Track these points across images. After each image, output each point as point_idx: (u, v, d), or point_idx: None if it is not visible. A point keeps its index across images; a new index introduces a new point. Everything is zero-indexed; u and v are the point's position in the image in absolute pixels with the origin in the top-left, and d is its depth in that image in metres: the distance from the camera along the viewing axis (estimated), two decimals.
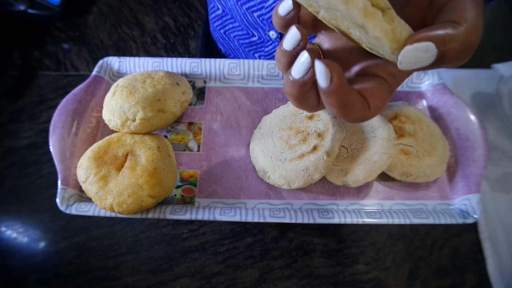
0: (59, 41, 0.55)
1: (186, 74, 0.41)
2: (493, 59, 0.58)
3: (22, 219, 0.43)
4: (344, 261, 0.41)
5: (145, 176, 0.31)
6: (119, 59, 0.41)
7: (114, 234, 0.42)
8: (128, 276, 0.40)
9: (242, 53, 0.56)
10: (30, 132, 0.48)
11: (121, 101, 0.33)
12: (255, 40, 0.51)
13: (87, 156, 0.33)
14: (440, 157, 0.35)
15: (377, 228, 0.43)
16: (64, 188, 0.33)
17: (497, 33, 1.01)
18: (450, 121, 0.37)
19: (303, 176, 0.32)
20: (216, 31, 0.57)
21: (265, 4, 0.44)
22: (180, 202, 0.35)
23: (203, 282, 0.40)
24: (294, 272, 0.40)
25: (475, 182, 0.34)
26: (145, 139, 0.34)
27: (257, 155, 0.35)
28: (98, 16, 0.58)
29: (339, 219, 0.32)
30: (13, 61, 0.54)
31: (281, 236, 0.42)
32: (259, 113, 0.39)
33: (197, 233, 0.42)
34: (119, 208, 0.30)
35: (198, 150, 0.37)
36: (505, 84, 0.51)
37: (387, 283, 0.40)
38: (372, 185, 0.36)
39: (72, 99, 0.37)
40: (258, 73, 0.40)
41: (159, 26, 0.57)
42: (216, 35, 0.58)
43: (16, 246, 0.42)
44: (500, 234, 0.43)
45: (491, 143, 0.38)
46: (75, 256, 0.41)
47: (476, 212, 0.32)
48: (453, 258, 0.41)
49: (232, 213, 0.33)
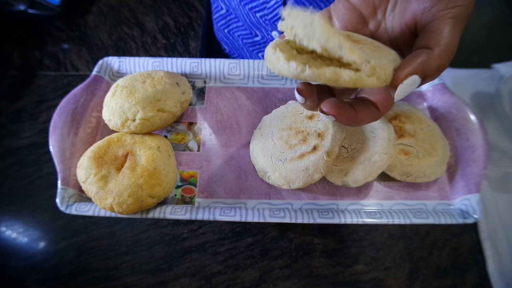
0: (59, 41, 0.55)
1: (186, 74, 0.41)
2: (493, 59, 0.58)
3: (22, 219, 0.43)
4: (344, 261, 0.41)
5: (145, 176, 0.31)
6: (119, 59, 0.41)
7: (114, 234, 0.42)
8: (128, 276, 0.40)
9: (246, 52, 0.56)
10: (30, 132, 0.48)
11: (121, 101, 0.33)
12: (258, 40, 0.51)
13: (87, 156, 0.33)
14: (440, 157, 0.35)
15: (377, 228, 0.43)
16: (64, 188, 0.33)
17: (497, 33, 1.01)
18: (450, 121, 0.37)
19: (303, 176, 0.32)
20: (220, 31, 0.57)
21: (267, 4, 0.44)
22: (180, 202, 0.35)
23: (203, 282, 0.40)
24: (294, 272, 0.40)
25: (475, 182, 0.34)
26: (145, 139, 0.34)
27: (257, 155, 0.35)
28: (98, 16, 0.58)
29: (339, 219, 0.32)
30: (13, 61, 0.53)
31: (281, 236, 0.42)
32: (259, 113, 0.39)
33: (197, 233, 0.42)
34: (119, 208, 0.30)
35: (198, 150, 0.37)
36: (505, 84, 0.51)
37: (387, 283, 0.40)
38: (372, 185, 0.36)
39: (72, 99, 0.37)
40: (258, 73, 0.40)
41: (159, 26, 0.57)
42: (220, 35, 0.58)
43: (16, 246, 0.42)
44: (500, 234, 0.43)
45: (491, 143, 0.38)
46: (75, 256, 0.41)
47: (476, 212, 0.32)
48: (453, 258, 0.41)
49: (232, 213, 0.33)
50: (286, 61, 0.19)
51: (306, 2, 0.41)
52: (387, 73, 0.20)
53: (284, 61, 0.19)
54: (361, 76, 0.19)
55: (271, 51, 0.20)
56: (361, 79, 0.19)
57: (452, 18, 0.21)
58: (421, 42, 0.21)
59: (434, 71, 0.20)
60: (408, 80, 0.20)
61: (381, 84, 0.20)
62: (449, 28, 0.21)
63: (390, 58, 0.21)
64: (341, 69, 0.19)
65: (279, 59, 0.19)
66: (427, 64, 0.20)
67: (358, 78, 0.19)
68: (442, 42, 0.20)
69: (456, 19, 0.21)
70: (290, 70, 0.19)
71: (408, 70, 0.20)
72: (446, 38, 0.20)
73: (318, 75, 0.19)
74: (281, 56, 0.19)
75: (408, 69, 0.20)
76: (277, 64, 0.20)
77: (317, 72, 0.19)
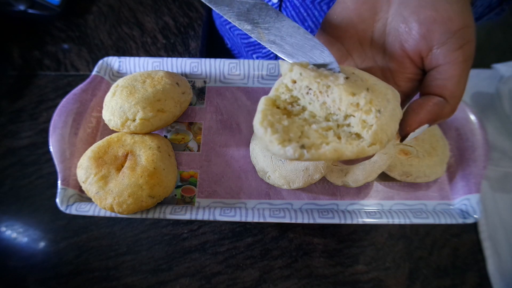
0: (59, 41, 0.55)
1: (186, 74, 0.41)
2: (493, 59, 0.58)
3: (22, 219, 0.43)
4: (344, 261, 0.41)
5: (145, 176, 0.31)
6: (119, 59, 0.41)
7: (114, 234, 0.42)
8: (128, 276, 0.40)
9: (243, 51, 0.56)
10: (30, 132, 0.48)
11: (121, 101, 0.33)
12: (254, 40, 0.51)
13: (87, 156, 0.33)
14: (440, 157, 0.35)
15: (377, 228, 0.43)
16: (64, 188, 0.33)
17: (497, 33, 1.01)
18: (450, 121, 0.37)
19: (303, 176, 0.32)
20: (222, 25, 0.57)
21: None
22: (180, 202, 0.35)
23: (203, 282, 0.40)
24: (294, 272, 0.40)
25: (475, 182, 0.34)
26: (145, 139, 0.34)
27: (257, 155, 0.35)
28: (98, 16, 0.58)
29: (339, 219, 0.32)
30: (13, 61, 0.53)
31: (281, 236, 0.42)
32: None
33: (197, 233, 0.42)
34: (119, 208, 0.30)
35: (198, 150, 0.37)
36: (505, 84, 0.51)
37: (387, 283, 0.40)
38: (372, 185, 0.36)
39: (72, 99, 0.37)
40: (258, 73, 0.40)
41: (159, 26, 0.57)
42: (222, 30, 0.58)
43: (16, 246, 0.42)
44: (500, 234, 0.43)
45: (491, 143, 0.38)
46: (75, 256, 0.41)
47: (476, 212, 0.32)
48: (453, 258, 0.41)
49: (232, 213, 0.33)
50: (281, 147, 0.18)
51: (301, 8, 0.40)
52: (389, 134, 0.19)
53: (279, 146, 0.18)
54: (363, 148, 0.18)
55: (261, 131, 0.19)
56: (363, 151, 0.18)
57: (464, 62, 0.21)
58: (433, 86, 0.21)
59: (445, 118, 0.21)
60: (419, 130, 0.21)
61: (384, 147, 0.19)
62: (463, 74, 0.21)
63: (388, 106, 0.20)
64: (342, 145, 0.18)
65: (272, 142, 0.18)
66: (440, 114, 0.21)
67: (361, 150, 0.18)
68: (457, 93, 0.21)
69: (468, 62, 0.21)
70: (288, 156, 0.18)
71: (420, 120, 0.21)
72: (461, 89, 0.21)
73: (318, 157, 0.18)
74: (274, 139, 0.18)
75: (420, 119, 0.21)
76: (271, 146, 0.18)
77: (317, 154, 0.18)
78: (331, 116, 0.20)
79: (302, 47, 0.23)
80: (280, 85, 0.21)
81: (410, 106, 0.22)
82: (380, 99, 0.20)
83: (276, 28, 0.24)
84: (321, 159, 0.18)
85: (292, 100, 0.21)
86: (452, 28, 0.20)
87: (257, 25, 0.24)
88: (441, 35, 0.20)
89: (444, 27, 0.20)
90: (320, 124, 0.20)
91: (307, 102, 0.21)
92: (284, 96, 0.21)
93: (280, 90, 0.21)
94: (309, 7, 0.39)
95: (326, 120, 0.20)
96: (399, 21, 0.22)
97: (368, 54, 0.25)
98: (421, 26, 0.21)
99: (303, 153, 0.18)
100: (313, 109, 0.20)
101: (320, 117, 0.20)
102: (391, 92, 0.21)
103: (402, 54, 0.23)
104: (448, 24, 0.20)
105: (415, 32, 0.21)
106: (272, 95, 0.21)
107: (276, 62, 0.40)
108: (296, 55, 0.23)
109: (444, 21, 0.20)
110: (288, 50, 0.23)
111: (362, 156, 0.19)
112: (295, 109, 0.21)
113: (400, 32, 0.22)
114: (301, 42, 0.23)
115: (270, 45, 0.23)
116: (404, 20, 0.22)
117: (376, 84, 0.21)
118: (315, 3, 0.39)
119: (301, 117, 0.20)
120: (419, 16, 0.21)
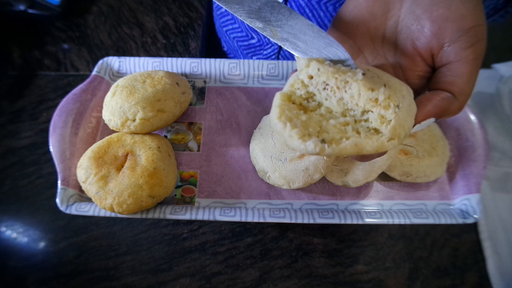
0: (59, 41, 0.55)
1: (186, 74, 0.41)
2: (493, 59, 0.58)
3: (22, 219, 0.43)
4: (344, 261, 0.41)
5: (145, 176, 0.31)
6: (119, 59, 0.41)
7: (114, 234, 0.42)
8: (128, 276, 0.40)
9: (240, 55, 0.56)
10: (30, 132, 0.48)
11: (121, 101, 0.33)
12: (254, 42, 0.51)
13: (87, 156, 0.33)
14: (440, 157, 0.35)
15: (377, 228, 0.43)
16: (64, 188, 0.33)
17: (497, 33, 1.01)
18: (450, 121, 0.37)
19: (303, 176, 0.32)
20: (220, 28, 0.57)
21: None
22: (180, 202, 0.35)
23: (203, 282, 0.40)
24: (294, 272, 0.40)
25: (475, 182, 0.34)
26: (145, 139, 0.34)
27: (257, 155, 0.35)
28: (98, 16, 0.58)
29: (339, 219, 0.32)
30: (13, 61, 0.53)
31: (281, 236, 0.42)
32: (259, 113, 0.39)
33: (197, 233, 0.42)
34: (119, 208, 0.30)
35: (198, 150, 0.37)
36: (505, 84, 0.51)
37: (387, 283, 0.40)
38: (372, 185, 0.36)
39: (72, 99, 0.37)
40: (258, 73, 0.40)
41: (159, 26, 0.57)
42: (220, 32, 0.58)
43: (16, 246, 0.42)
44: (500, 234, 0.43)
45: (491, 143, 0.38)
46: (75, 256, 0.41)
47: (476, 212, 0.32)
48: (453, 258, 0.41)
49: (232, 213, 0.33)
50: (302, 141, 0.18)
51: (306, 8, 0.40)
52: (406, 129, 0.19)
53: (299, 141, 0.18)
54: (383, 143, 0.18)
55: (280, 126, 0.19)
56: (383, 146, 0.18)
57: (475, 60, 0.21)
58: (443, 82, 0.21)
59: (452, 115, 0.21)
60: (425, 122, 0.21)
61: (401, 142, 0.19)
62: (473, 72, 0.21)
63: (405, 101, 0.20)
64: (362, 140, 0.18)
65: (292, 136, 0.18)
66: (448, 109, 0.21)
67: (380, 145, 0.18)
68: (466, 90, 0.21)
69: (478, 60, 0.21)
70: (308, 150, 0.18)
71: (427, 113, 0.21)
72: (470, 86, 0.21)
73: (339, 151, 0.18)
74: (294, 134, 0.18)
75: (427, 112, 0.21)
76: (291, 141, 0.18)
77: (338, 148, 0.18)
78: (348, 112, 0.20)
79: (316, 44, 0.23)
80: (295, 81, 0.21)
81: (418, 99, 0.22)
82: (397, 95, 0.20)
83: (289, 25, 0.23)
84: (341, 153, 0.18)
85: (308, 96, 0.21)
86: (465, 26, 0.20)
87: (269, 23, 0.24)
88: (453, 32, 0.21)
89: (456, 24, 0.20)
90: (338, 120, 0.20)
91: (323, 98, 0.21)
92: (300, 91, 0.21)
93: (295, 86, 0.21)
94: (314, 7, 0.39)
95: (343, 116, 0.20)
96: (411, 19, 0.22)
97: (380, 52, 0.25)
98: (433, 24, 0.21)
99: (324, 147, 0.18)
100: (330, 105, 0.20)
101: (336, 113, 0.20)
102: (405, 89, 0.21)
103: (414, 52, 0.23)
104: (461, 22, 0.20)
105: (427, 30, 0.21)
106: (287, 91, 0.21)
107: (276, 62, 0.40)
108: (310, 52, 0.23)
109: (457, 19, 0.20)
110: (302, 47, 0.23)
111: (381, 151, 0.19)
112: (310, 104, 0.21)
113: (412, 30, 0.22)
114: (315, 39, 0.23)
115: (283, 42, 0.23)
116: (416, 18, 0.22)
117: (390, 81, 0.22)
118: (321, 3, 0.39)
119: (317, 112, 0.20)
120: (431, 14, 0.21)
